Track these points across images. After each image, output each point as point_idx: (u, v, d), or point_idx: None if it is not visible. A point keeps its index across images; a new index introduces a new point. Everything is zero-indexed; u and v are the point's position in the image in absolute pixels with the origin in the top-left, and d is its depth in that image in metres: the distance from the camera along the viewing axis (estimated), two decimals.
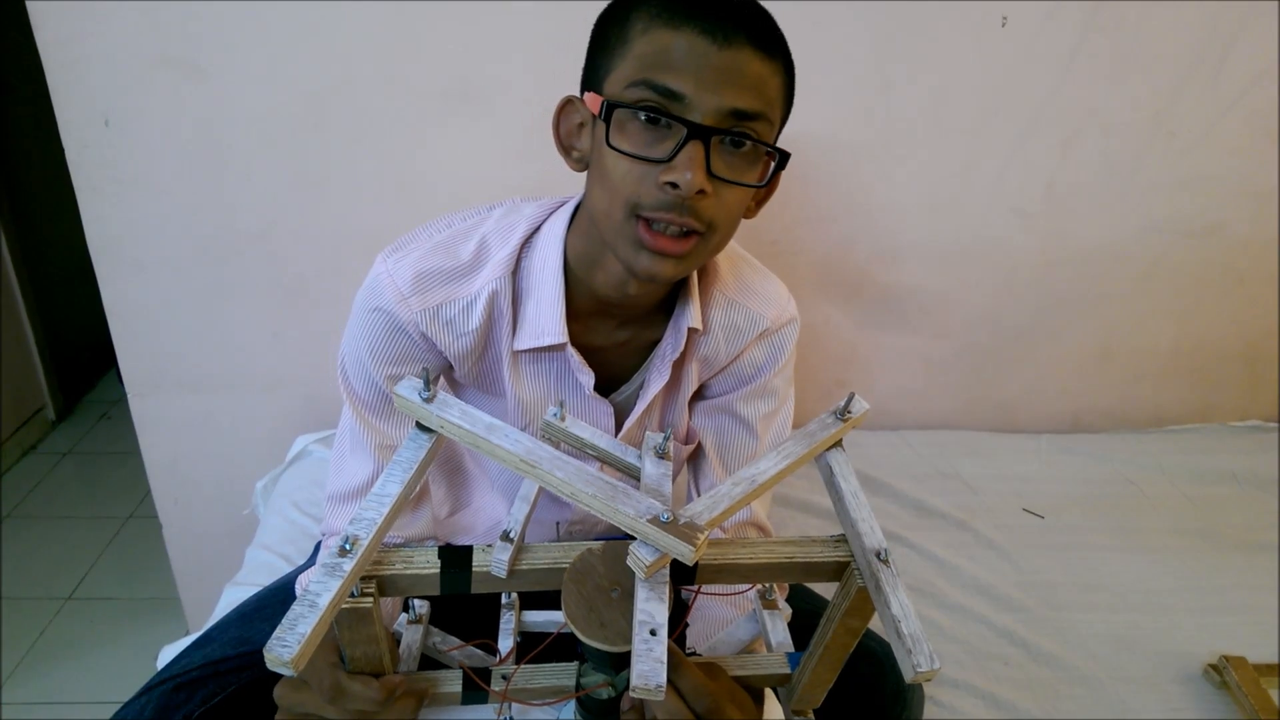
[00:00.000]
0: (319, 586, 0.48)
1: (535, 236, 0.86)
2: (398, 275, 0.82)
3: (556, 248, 0.84)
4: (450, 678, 0.64)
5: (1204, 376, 1.89)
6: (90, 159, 1.40)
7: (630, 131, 0.71)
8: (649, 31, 0.70)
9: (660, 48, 0.69)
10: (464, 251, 0.84)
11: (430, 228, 0.88)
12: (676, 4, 0.69)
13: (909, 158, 1.57)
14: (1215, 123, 1.59)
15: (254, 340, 1.59)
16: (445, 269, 0.83)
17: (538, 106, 1.44)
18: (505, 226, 0.86)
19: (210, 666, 0.89)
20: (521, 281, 0.85)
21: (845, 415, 0.57)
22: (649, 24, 0.70)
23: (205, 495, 1.72)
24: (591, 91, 0.75)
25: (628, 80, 0.70)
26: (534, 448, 0.52)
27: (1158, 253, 1.72)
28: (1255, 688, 1.21)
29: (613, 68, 0.72)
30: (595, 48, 0.77)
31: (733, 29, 0.69)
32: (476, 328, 0.84)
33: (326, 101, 1.40)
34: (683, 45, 0.68)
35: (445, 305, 0.83)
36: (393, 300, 0.82)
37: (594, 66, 0.77)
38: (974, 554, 1.47)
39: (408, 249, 0.84)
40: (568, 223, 0.85)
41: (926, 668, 0.47)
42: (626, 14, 0.72)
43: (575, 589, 0.52)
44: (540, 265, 0.84)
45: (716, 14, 0.69)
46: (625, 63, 0.71)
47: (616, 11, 0.75)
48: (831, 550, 0.55)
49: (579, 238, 0.84)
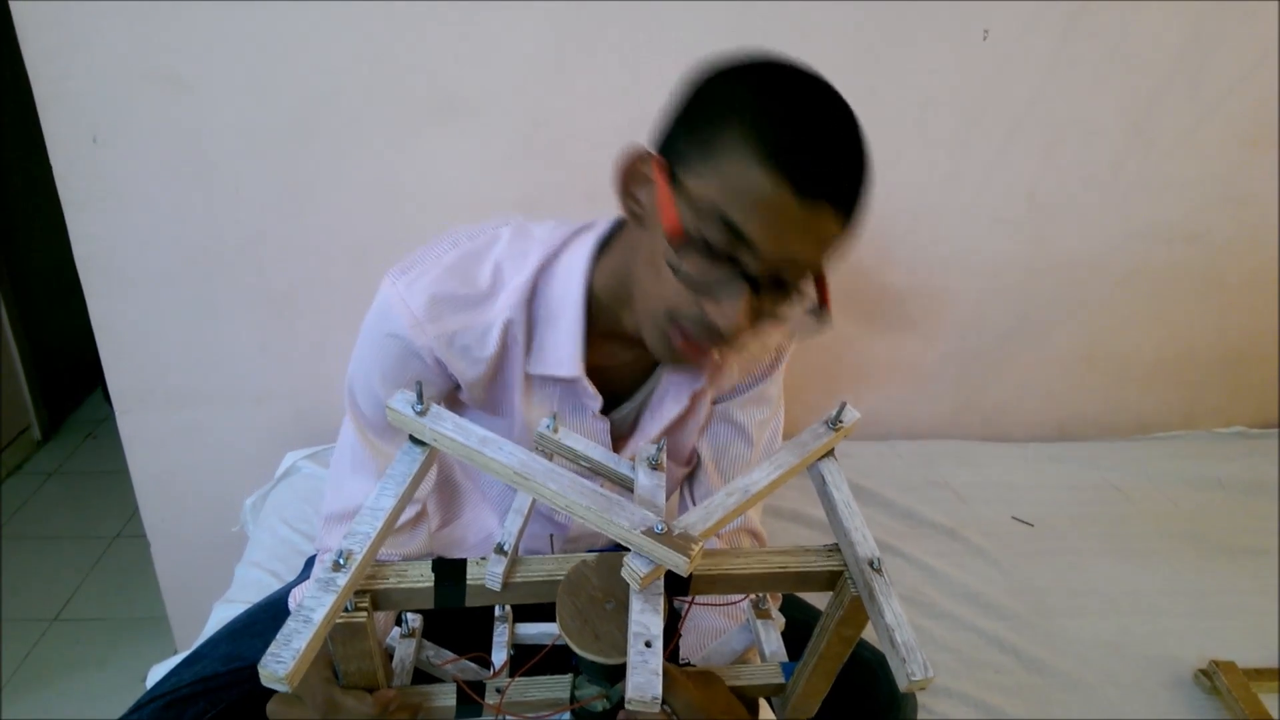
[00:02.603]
0: (313, 602, 0.48)
1: (553, 264, 0.83)
2: (411, 300, 0.80)
3: (578, 281, 0.82)
4: (444, 691, 0.64)
5: (1187, 382, 1.90)
6: (78, 175, 1.40)
7: (690, 254, 0.69)
8: (744, 160, 0.65)
9: (749, 187, 0.65)
10: (479, 277, 0.82)
11: (436, 246, 0.85)
12: (779, 148, 0.65)
13: (892, 167, 1.58)
14: (1194, 130, 1.61)
15: (242, 354, 1.58)
16: (460, 295, 0.81)
17: (525, 118, 1.45)
18: (518, 252, 0.83)
19: (201, 683, 0.88)
20: (538, 309, 0.83)
21: (837, 424, 0.58)
22: (746, 150, 0.65)
23: (194, 512, 1.70)
24: (662, 161, 0.72)
25: (705, 199, 0.67)
26: (528, 460, 0.52)
27: (1139, 259, 1.74)
28: (1245, 692, 1.21)
29: (692, 163, 0.69)
30: (682, 117, 0.72)
31: (826, 193, 0.66)
32: (491, 355, 0.83)
33: (313, 114, 1.41)
34: (772, 198, 0.65)
35: (461, 332, 0.81)
36: (407, 325, 0.80)
37: (674, 135, 0.73)
38: (964, 562, 1.47)
39: (417, 270, 0.82)
40: (592, 253, 0.83)
41: (921, 676, 0.47)
42: (725, 116, 0.67)
43: (570, 601, 0.52)
44: (560, 296, 0.82)
45: (814, 175, 0.66)
46: (707, 172, 0.68)
47: (716, 101, 0.70)
48: (825, 560, 0.55)
49: (610, 275, 0.82)
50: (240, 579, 1.34)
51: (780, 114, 0.66)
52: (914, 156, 1.57)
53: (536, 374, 0.85)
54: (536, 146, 1.47)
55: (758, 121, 0.66)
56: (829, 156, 0.67)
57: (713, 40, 1.40)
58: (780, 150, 0.65)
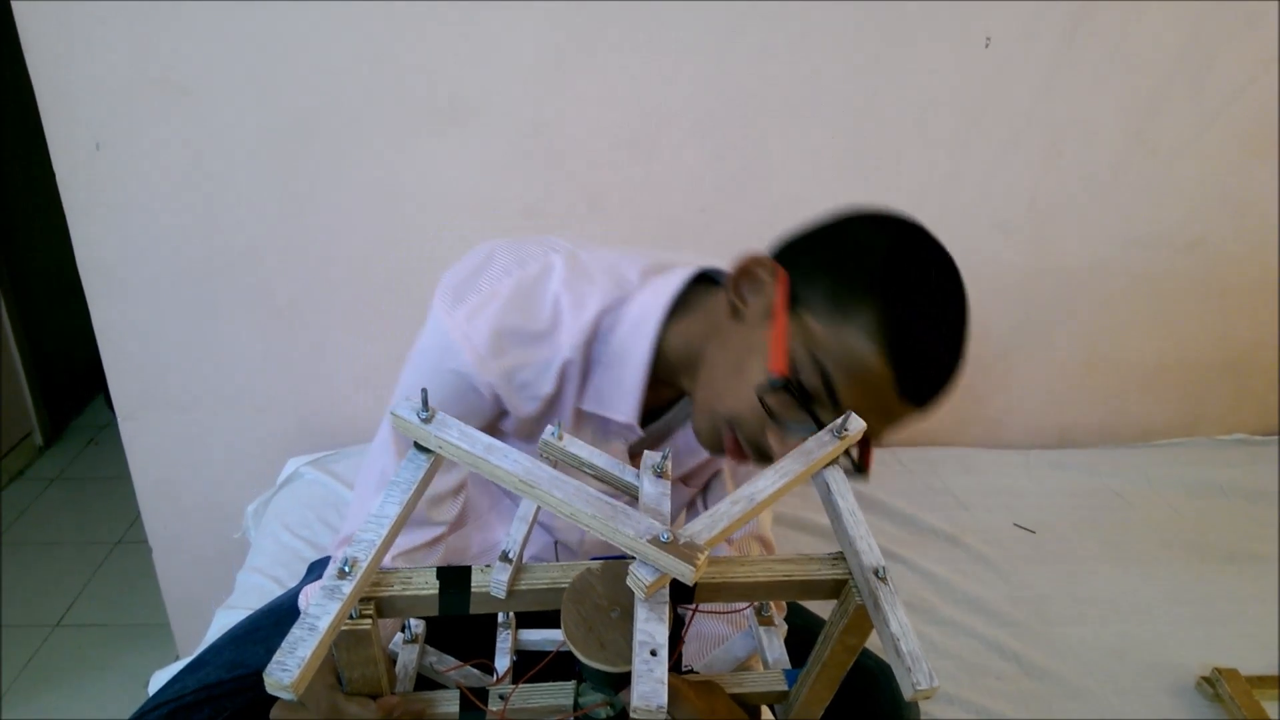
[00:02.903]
0: (318, 609, 0.48)
1: (620, 309, 0.82)
2: (474, 336, 0.78)
3: (648, 336, 0.81)
4: (447, 698, 0.64)
5: (1189, 389, 1.90)
6: (81, 182, 1.40)
7: (780, 389, 0.71)
8: (867, 343, 0.69)
9: (861, 366, 0.70)
10: (540, 312, 0.80)
11: (487, 272, 0.82)
12: (902, 353, 0.69)
13: (893, 174, 1.58)
14: (1196, 137, 1.61)
15: (244, 361, 1.59)
16: (523, 330, 0.79)
17: (525, 121, 1.45)
18: (577, 288, 0.82)
19: (205, 690, 0.88)
20: (597, 351, 0.82)
21: (842, 433, 0.58)
22: (872, 337, 0.69)
23: (195, 518, 1.71)
24: (786, 285, 0.74)
25: (818, 351, 0.71)
26: (532, 468, 0.52)
27: (1140, 267, 1.74)
28: (1248, 699, 1.21)
29: (817, 312, 0.72)
30: (823, 263, 0.75)
31: (922, 400, 0.72)
32: (548, 394, 0.82)
33: (314, 119, 1.41)
34: (877, 383, 0.70)
35: (521, 369, 0.80)
36: (471, 363, 0.78)
37: (808, 272, 0.74)
38: (966, 569, 1.47)
39: (475, 301, 0.80)
40: (666, 310, 0.81)
41: (926, 685, 0.47)
42: (866, 294, 0.70)
43: (574, 609, 0.52)
44: (626, 345, 0.81)
45: (920, 387, 0.71)
46: (830, 331, 0.70)
47: (862, 271, 0.72)
48: (829, 568, 0.55)
49: (682, 341, 0.82)
50: (242, 585, 1.34)
51: (914, 322, 0.70)
52: (914, 160, 1.58)
53: (589, 410, 0.85)
54: (537, 150, 1.48)
55: (892, 318, 0.69)
56: (938, 375, 0.73)
57: (713, 42, 1.42)
58: (902, 356, 0.69)
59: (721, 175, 1.54)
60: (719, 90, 1.47)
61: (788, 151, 1.53)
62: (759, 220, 1.58)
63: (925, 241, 0.74)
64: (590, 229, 1.55)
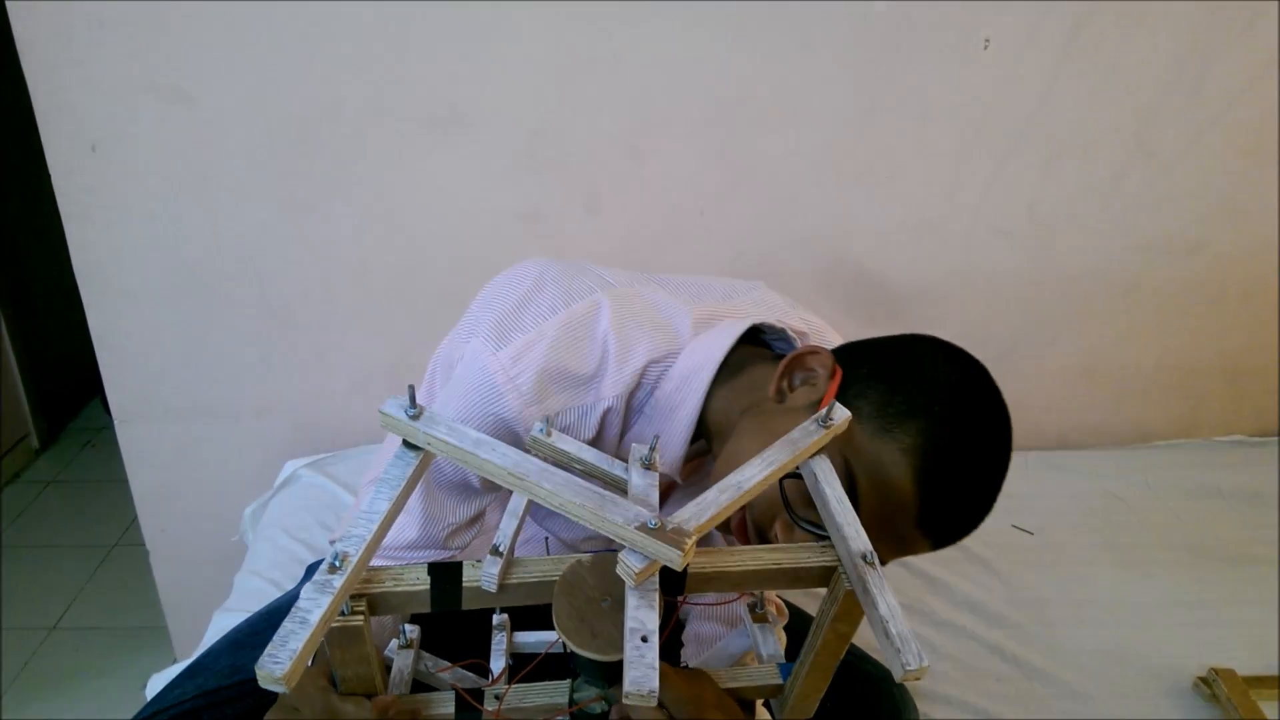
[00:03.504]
0: (310, 603, 0.48)
1: (667, 363, 0.81)
2: (520, 381, 0.76)
3: (697, 394, 0.80)
4: (443, 699, 0.64)
5: (1188, 392, 1.90)
6: (76, 185, 1.40)
7: (800, 486, 0.69)
8: (902, 462, 0.68)
9: (890, 484, 0.68)
10: (587, 357, 0.79)
11: (531, 306, 0.81)
12: (931, 487, 0.68)
13: (892, 180, 1.58)
14: (1195, 141, 1.61)
15: (242, 366, 1.59)
16: (569, 374, 0.78)
17: (524, 128, 1.45)
18: (625, 338, 0.80)
19: (204, 697, 0.87)
20: (639, 402, 0.82)
21: (827, 423, 0.58)
22: (909, 458, 0.68)
23: (193, 522, 1.70)
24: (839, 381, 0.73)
25: (852, 453, 0.70)
26: (521, 460, 0.52)
27: (1140, 271, 1.74)
28: (1245, 699, 1.21)
29: (861, 413, 0.70)
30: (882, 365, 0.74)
31: (937, 537, 0.71)
32: (588, 439, 0.81)
33: (313, 127, 1.41)
34: (899, 505, 0.68)
35: (564, 413, 0.79)
36: (516, 409, 0.76)
37: (862, 374, 0.74)
38: (964, 571, 1.47)
39: (520, 341, 0.78)
40: (717, 366, 0.81)
41: (915, 665, 0.47)
42: (913, 416, 0.69)
43: (566, 601, 0.52)
44: (673, 403, 0.81)
45: (940, 524, 0.70)
46: (869, 435, 0.69)
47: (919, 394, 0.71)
48: (818, 556, 0.55)
49: (722, 407, 0.81)
50: (240, 588, 1.33)
51: (954, 457, 0.69)
52: (914, 168, 1.58)
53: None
54: (536, 156, 1.48)
55: (935, 445, 0.68)
56: (960, 514, 0.71)
57: (712, 45, 1.42)
58: (932, 484, 0.68)
59: (720, 179, 1.54)
60: (717, 93, 1.47)
61: (786, 155, 1.53)
62: (757, 224, 1.59)
63: (989, 387, 0.73)
64: (588, 232, 1.55)
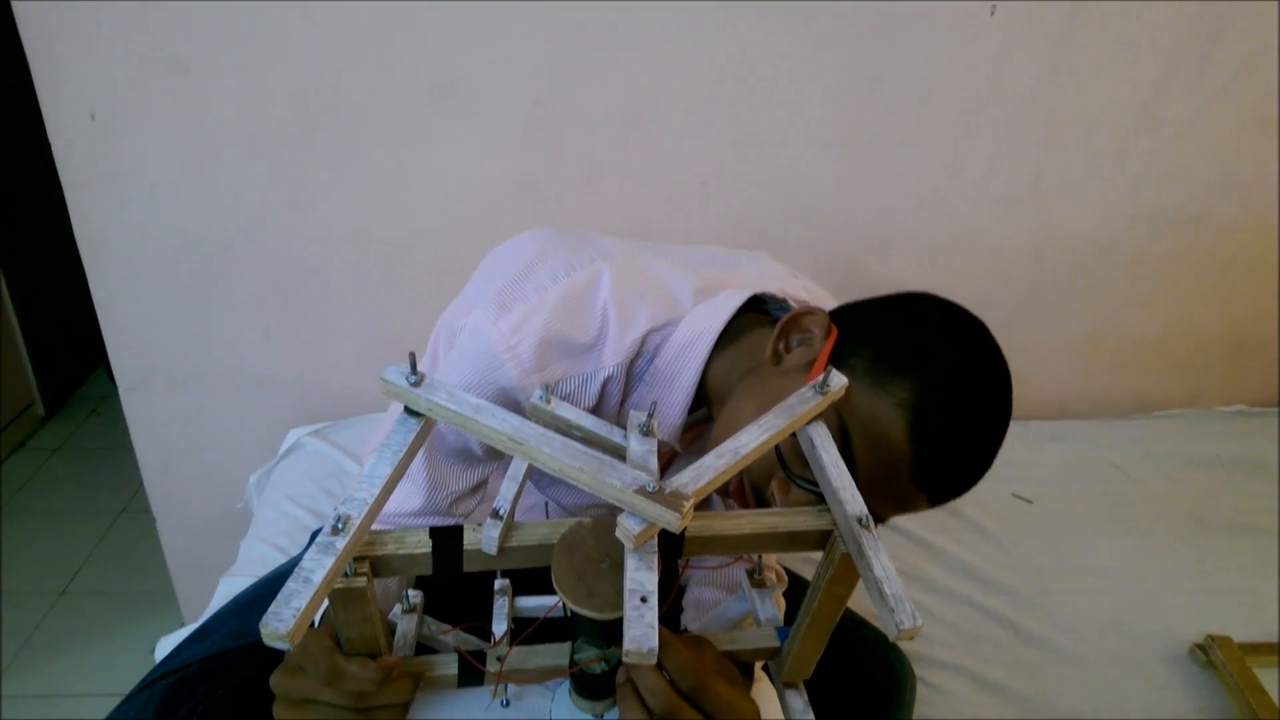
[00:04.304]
0: (313, 563, 0.49)
1: (668, 331, 0.82)
2: (521, 349, 0.76)
3: (697, 361, 0.80)
4: (446, 661, 0.65)
5: (1190, 363, 1.90)
6: (77, 154, 1.40)
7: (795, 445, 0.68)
8: (897, 420, 0.68)
9: (885, 441, 0.68)
10: (587, 325, 0.79)
11: (532, 276, 0.80)
12: (926, 442, 0.67)
13: (897, 150, 1.57)
14: (1202, 111, 1.60)
15: (245, 336, 1.59)
16: (569, 343, 0.78)
17: (524, 97, 1.44)
18: (625, 307, 0.80)
19: (211, 660, 0.89)
20: (639, 370, 0.82)
21: (824, 389, 0.58)
22: (904, 416, 0.67)
23: (198, 489, 1.72)
24: (835, 339, 0.73)
25: (846, 411, 0.69)
26: (521, 426, 0.52)
27: (1145, 241, 1.73)
28: (1241, 666, 1.22)
29: (856, 370, 0.70)
30: (877, 334, 0.73)
31: (934, 494, 0.70)
32: (588, 407, 0.81)
33: (314, 98, 1.41)
34: (894, 462, 0.68)
35: (564, 381, 0.79)
36: (516, 378, 0.76)
37: (857, 331, 0.74)
38: (963, 539, 1.48)
39: (521, 310, 0.77)
40: (717, 334, 0.81)
41: (909, 625, 0.47)
42: (907, 374, 0.69)
43: (565, 559, 0.53)
44: (673, 369, 0.81)
45: (936, 480, 0.69)
46: (863, 391, 0.69)
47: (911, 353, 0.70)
48: (815, 519, 0.55)
49: (721, 373, 0.81)
50: (246, 554, 1.35)
51: (948, 411, 0.68)
52: (918, 139, 1.57)
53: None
54: (536, 127, 1.47)
55: (928, 399, 0.68)
56: (955, 469, 0.70)
57: (713, 15, 1.41)
58: (925, 439, 0.68)
59: (722, 149, 1.53)
60: (719, 63, 1.46)
61: (789, 124, 1.52)
62: (759, 195, 1.58)
63: (985, 342, 0.72)
64: (589, 203, 1.55)
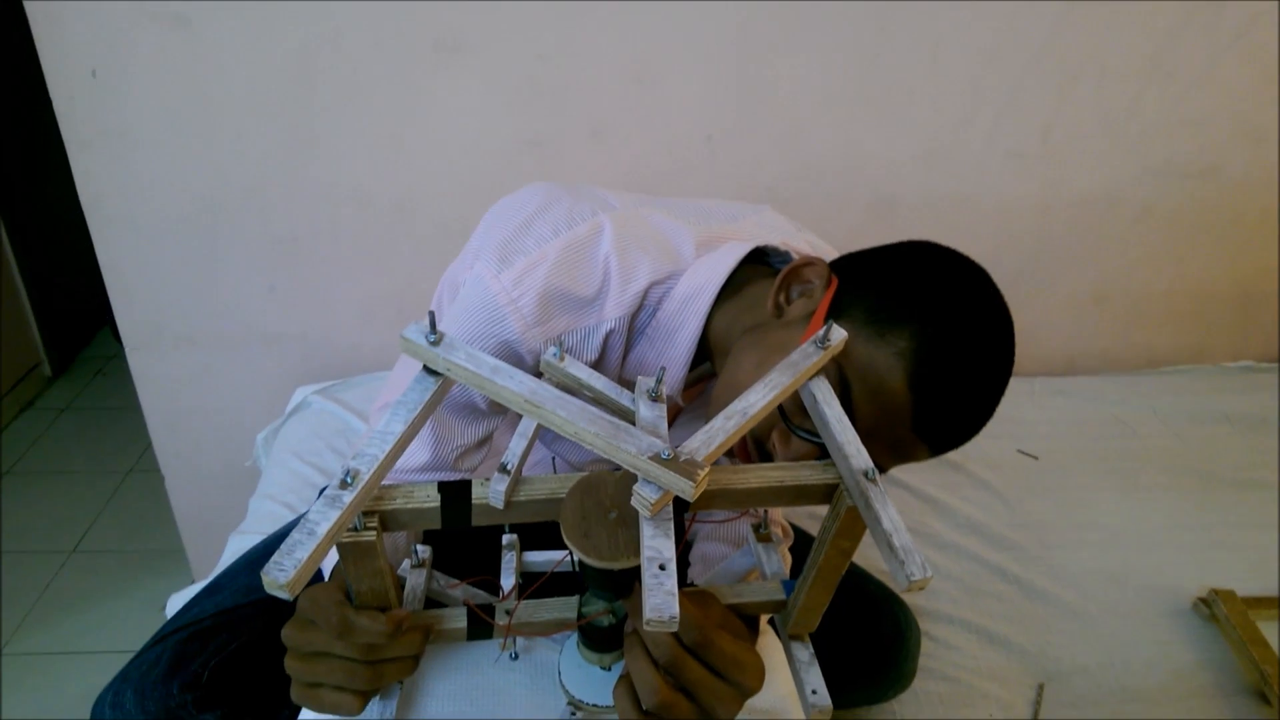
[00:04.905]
0: (318, 515, 0.49)
1: (669, 284, 0.81)
2: (523, 302, 0.76)
3: (699, 315, 0.80)
4: (455, 614, 0.65)
5: (1198, 318, 1.89)
6: (79, 111, 1.39)
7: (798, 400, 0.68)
8: (896, 367, 0.67)
9: (884, 388, 0.67)
10: (588, 278, 0.78)
11: (534, 228, 0.80)
12: (926, 391, 0.67)
13: (905, 102, 1.55)
14: (1214, 63, 1.58)
15: (250, 294, 1.59)
16: (570, 295, 0.77)
17: (529, 53, 1.42)
18: (627, 259, 0.79)
19: (222, 615, 0.90)
20: (641, 323, 0.82)
21: (825, 344, 0.58)
22: (903, 364, 0.67)
23: (207, 448, 1.73)
24: (835, 289, 0.73)
25: (846, 361, 0.68)
26: (537, 388, 0.52)
27: (1154, 196, 1.72)
28: (1243, 619, 1.23)
29: (855, 320, 0.69)
30: (877, 280, 0.72)
31: (933, 442, 0.70)
32: (590, 360, 0.81)
33: (315, 52, 1.39)
34: (894, 410, 0.68)
35: (566, 335, 0.79)
36: (518, 331, 0.76)
37: (856, 280, 0.73)
38: (968, 494, 1.49)
39: (522, 263, 0.77)
40: (719, 288, 0.80)
41: (920, 576, 0.48)
42: (907, 321, 0.68)
43: (573, 511, 0.53)
44: (675, 323, 0.81)
45: (935, 426, 0.69)
46: (862, 340, 0.68)
47: (910, 299, 0.69)
48: (820, 473, 0.55)
49: (722, 327, 0.81)
50: (255, 511, 1.36)
51: (948, 358, 0.68)
52: (926, 92, 1.55)
53: (630, 380, 0.84)
54: (541, 82, 1.45)
55: (927, 347, 0.67)
56: (956, 418, 0.70)
57: None
58: (925, 387, 0.67)
59: (728, 105, 1.51)
60: (726, 18, 1.43)
61: (796, 80, 1.50)
62: (766, 149, 1.57)
63: (985, 289, 0.72)
64: (593, 159, 1.53)
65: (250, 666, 0.87)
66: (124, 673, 0.86)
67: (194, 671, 0.84)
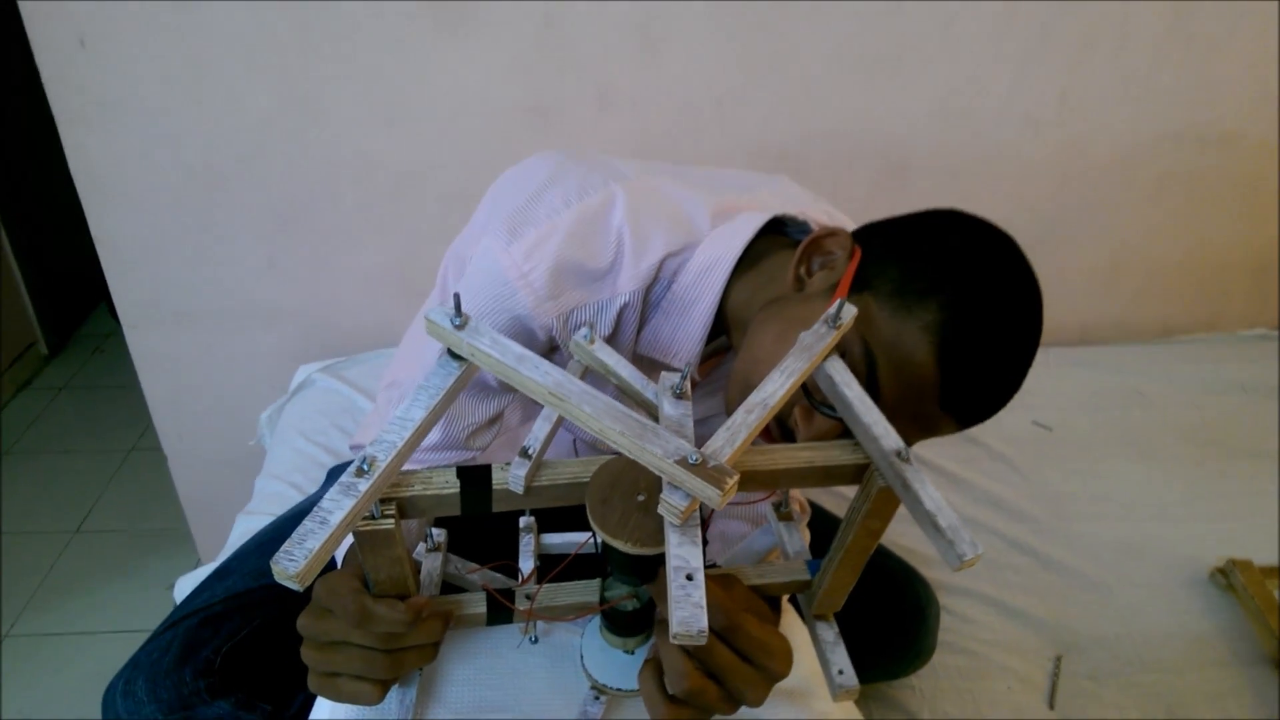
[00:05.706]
0: (332, 504, 0.47)
1: (685, 256, 0.79)
2: (534, 276, 0.73)
3: (715, 288, 0.77)
4: (475, 600, 0.64)
5: (1212, 287, 1.87)
6: (68, 82, 1.35)
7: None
8: (923, 342, 0.65)
9: (910, 361, 0.65)
10: (602, 250, 0.76)
11: (544, 199, 0.77)
12: (953, 366, 0.64)
13: (920, 66, 1.52)
14: (1235, 25, 1.54)
15: (248, 270, 1.56)
16: (583, 269, 0.75)
17: (533, 18, 1.39)
18: (641, 231, 0.77)
19: (233, 600, 0.89)
20: (656, 296, 0.79)
21: (836, 323, 0.56)
22: (930, 337, 0.64)
23: (209, 427, 1.71)
24: (858, 261, 0.70)
25: (871, 334, 0.66)
26: (564, 381, 0.50)
27: (1170, 162, 1.69)
28: (1260, 589, 1.22)
29: (880, 292, 0.67)
30: (901, 252, 0.70)
31: (960, 416, 0.68)
32: (604, 335, 0.78)
33: (311, 17, 1.35)
34: (920, 385, 0.65)
35: (579, 310, 0.76)
36: (529, 305, 0.74)
37: (880, 251, 0.70)
38: (984, 467, 1.48)
39: (533, 235, 0.74)
40: (735, 260, 0.78)
41: (971, 554, 0.46)
42: (934, 294, 0.65)
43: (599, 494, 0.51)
44: (691, 295, 0.78)
45: (962, 401, 0.66)
46: (887, 317, 0.66)
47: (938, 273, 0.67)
48: (850, 453, 0.53)
49: (741, 299, 0.78)
50: (261, 491, 1.34)
51: (976, 332, 0.65)
52: (944, 57, 1.51)
53: (645, 355, 0.82)
54: (546, 48, 1.42)
55: (955, 320, 0.65)
56: (983, 392, 0.67)
57: None
58: (953, 361, 0.65)
59: (738, 69, 1.48)
60: None
61: (808, 44, 1.47)
62: (777, 116, 1.53)
63: (1013, 259, 0.69)
64: (601, 126, 1.50)
65: (263, 652, 0.86)
66: (134, 660, 0.85)
67: (206, 658, 0.83)
